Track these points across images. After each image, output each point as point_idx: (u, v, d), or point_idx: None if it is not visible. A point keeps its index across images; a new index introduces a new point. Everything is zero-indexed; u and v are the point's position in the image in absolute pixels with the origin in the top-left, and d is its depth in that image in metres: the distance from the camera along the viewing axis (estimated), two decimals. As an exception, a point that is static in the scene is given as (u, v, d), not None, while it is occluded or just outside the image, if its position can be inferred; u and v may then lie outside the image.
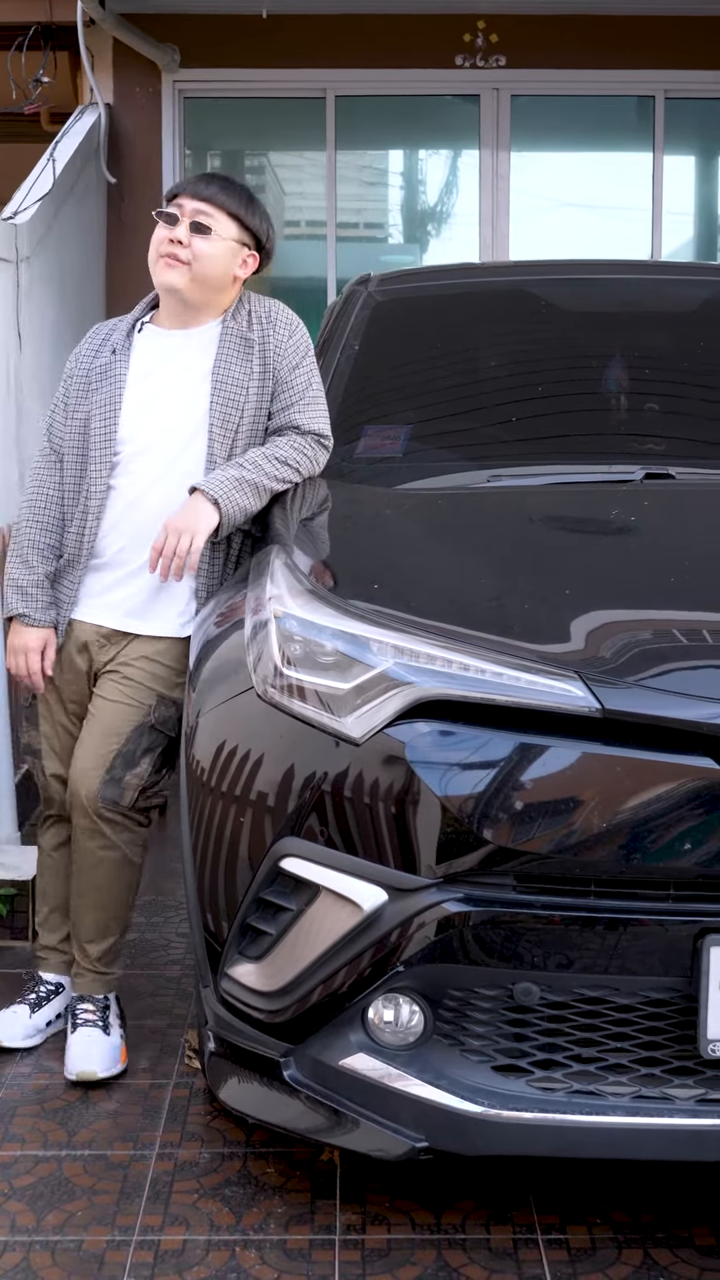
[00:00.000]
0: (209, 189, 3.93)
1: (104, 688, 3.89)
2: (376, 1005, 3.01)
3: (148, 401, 3.89)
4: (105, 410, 3.88)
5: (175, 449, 3.86)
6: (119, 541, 3.88)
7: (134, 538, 3.86)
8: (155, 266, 3.91)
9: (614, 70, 9.16)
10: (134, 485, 3.86)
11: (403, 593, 3.24)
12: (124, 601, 3.88)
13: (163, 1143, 3.54)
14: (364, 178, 10.57)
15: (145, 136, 9.64)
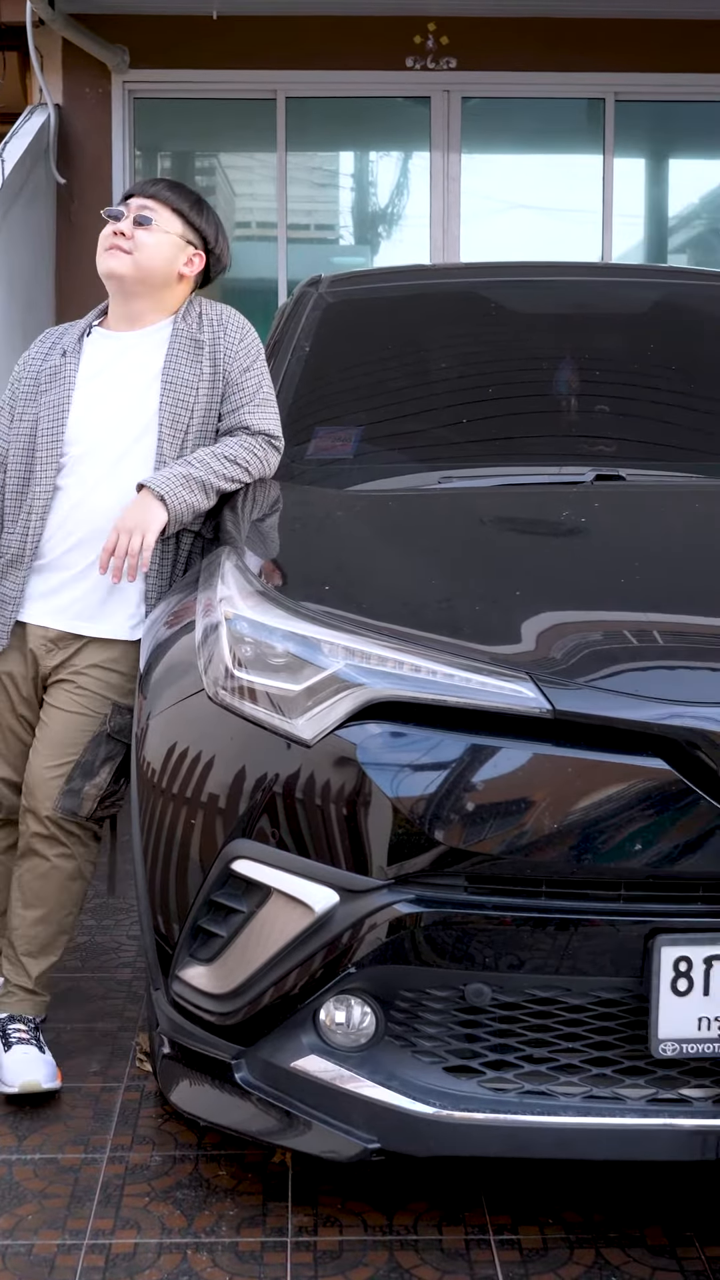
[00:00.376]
0: (154, 187, 4.01)
1: (57, 697, 3.87)
2: (328, 1007, 3.01)
3: (96, 401, 3.88)
4: (54, 411, 3.86)
5: (123, 448, 3.85)
6: (65, 542, 3.85)
7: (81, 538, 3.84)
8: (100, 258, 3.96)
9: (564, 73, 9.21)
10: (80, 485, 3.84)
11: (354, 594, 3.24)
12: (72, 604, 3.86)
13: (114, 1146, 3.53)
14: (315, 179, 10.58)
15: (95, 137, 9.63)
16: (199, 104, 9.99)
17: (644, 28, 9.22)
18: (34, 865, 3.85)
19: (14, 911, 3.90)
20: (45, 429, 3.85)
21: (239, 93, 9.75)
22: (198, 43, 9.37)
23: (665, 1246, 3.13)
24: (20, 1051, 3.80)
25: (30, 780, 3.83)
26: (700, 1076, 2.93)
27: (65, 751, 3.81)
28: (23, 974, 3.90)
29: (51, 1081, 3.77)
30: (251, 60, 9.44)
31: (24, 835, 3.87)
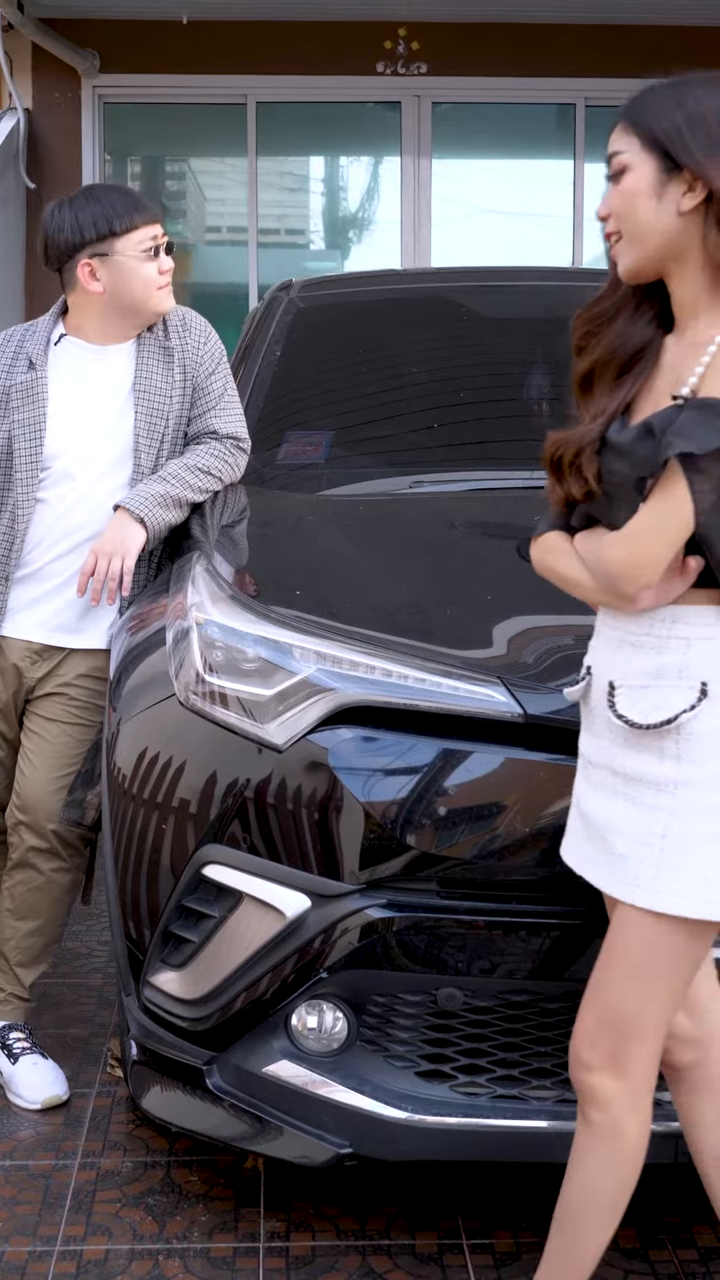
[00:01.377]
0: (154, 207, 3.89)
1: (49, 710, 3.85)
2: (300, 1012, 3.01)
3: (73, 415, 3.84)
4: (30, 429, 3.80)
5: (103, 461, 3.82)
6: (48, 554, 3.83)
7: (63, 550, 3.82)
8: (154, 299, 3.85)
9: (535, 78, 9.22)
10: (63, 499, 3.81)
11: (325, 599, 3.24)
12: (54, 616, 3.84)
13: (85, 1152, 3.53)
14: (285, 184, 10.58)
15: (65, 142, 9.61)
16: (169, 109, 9.98)
17: (614, 33, 9.23)
18: (28, 878, 3.84)
19: (6, 922, 3.90)
20: (23, 446, 3.80)
21: (209, 98, 9.74)
22: (168, 47, 9.36)
23: (638, 1249, 3.13)
24: (29, 1063, 3.81)
25: (29, 797, 3.81)
26: (672, 1080, 2.93)
27: (66, 764, 3.80)
28: (16, 984, 3.90)
29: (67, 1090, 3.78)
30: (222, 65, 9.43)
31: (17, 849, 3.85)
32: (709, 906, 2.36)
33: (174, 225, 10.49)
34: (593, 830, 2.49)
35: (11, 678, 3.85)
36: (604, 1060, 2.48)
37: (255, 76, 9.54)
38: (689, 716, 2.35)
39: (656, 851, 2.38)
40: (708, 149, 2.32)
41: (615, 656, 2.45)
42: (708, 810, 2.36)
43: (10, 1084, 3.79)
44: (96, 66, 9.48)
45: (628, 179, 2.38)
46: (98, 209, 3.79)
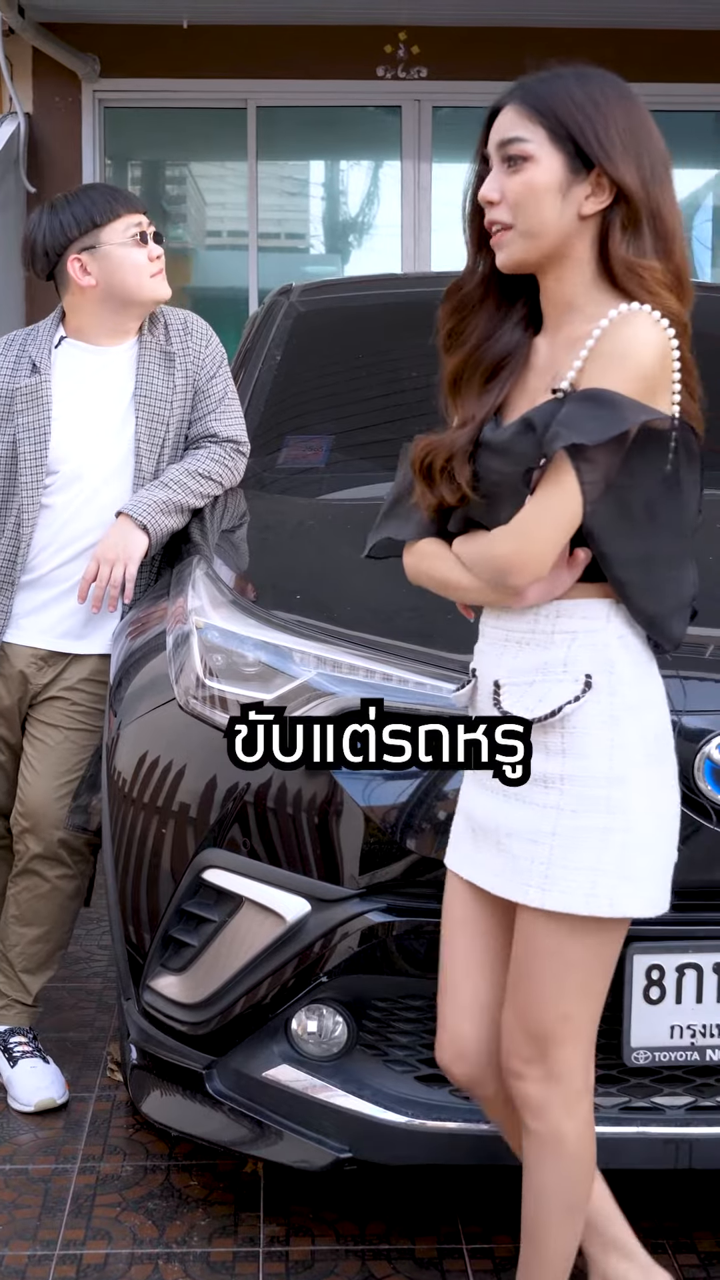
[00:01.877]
0: (135, 199, 3.92)
1: (51, 716, 3.85)
2: (300, 1016, 3.01)
3: (77, 420, 3.83)
4: (34, 434, 3.79)
5: (108, 469, 3.82)
6: (54, 559, 3.83)
7: (69, 556, 3.82)
8: (146, 285, 3.84)
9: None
10: (67, 505, 3.80)
11: (325, 603, 3.24)
12: (59, 623, 3.83)
13: (85, 1156, 3.52)
14: (285, 188, 10.58)
15: (65, 146, 9.61)
16: (170, 113, 9.99)
17: (616, 37, 9.22)
18: (33, 885, 3.84)
19: (11, 929, 3.90)
20: (27, 451, 3.79)
21: (210, 102, 9.74)
22: (169, 52, 9.36)
23: (637, 1255, 3.13)
24: (28, 1066, 3.81)
25: (33, 804, 3.81)
26: (673, 1085, 2.93)
27: (69, 769, 3.80)
28: (21, 990, 3.90)
29: (64, 1094, 3.78)
30: (222, 69, 9.43)
31: (22, 856, 3.85)
32: (597, 903, 2.36)
33: (174, 230, 10.49)
34: (483, 834, 2.47)
35: (16, 684, 3.85)
36: (532, 1068, 2.47)
37: (255, 80, 9.54)
38: (573, 708, 2.35)
39: (547, 850, 2.37)
40: (619, 151, 2.31)
41: (500, 656, 2.44)
42: (595, 804, 2.36)
43: (9, 1087, 3.80)
44: (97, 71, 9.48)
45: (533, 171, 2.33)
46: (77, 206, 3.82)
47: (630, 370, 2.25)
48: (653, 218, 2.33)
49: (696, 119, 9.97)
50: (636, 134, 2.34)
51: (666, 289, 2.33)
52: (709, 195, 10.58)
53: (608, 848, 2.36)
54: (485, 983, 2.56)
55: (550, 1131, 2.48)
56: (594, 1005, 2.47)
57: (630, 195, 2.31)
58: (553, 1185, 2.52)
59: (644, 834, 2.39)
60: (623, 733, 2.37)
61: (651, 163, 2.34)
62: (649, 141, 2.35)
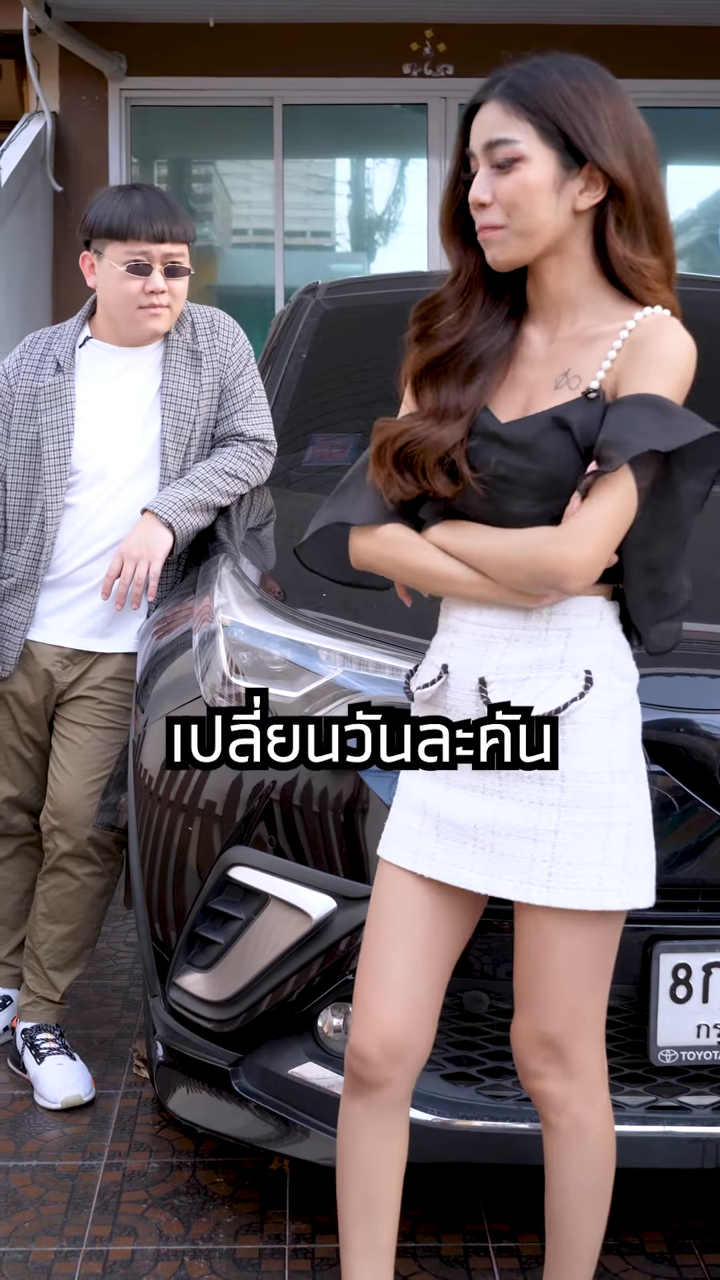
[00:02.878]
0: (167, 226, 3.73)
1: (79, 715, 3.85)
2: (326, 1014, 3.01)
3: (100, 420, 3.82)
4: (58, 432, 3.80)
5: (131, 466, 3.81)
6: (78, 558, 3.83)
7: (93, 555, 3.82)
8: (134, 316, 3.77)
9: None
10: (91, 504, 3.80)
11: (351, 601, 3.23)
12: (84, 621, 3.84)
13: (111, 1153, 3.53)
14: (312, 186, 10.59)
15: (92, 145, 9.63)
16: (196, 111, 10.00)
17: (642, 33, 9.23)
18: (62, 883, 3.85)
19: (40, 926, 3.90)
20: (51, 450, 3.79)
21: (236, 100, 9.75)
22: (195, 50, 9.37)
23: (664, 1254, 3.13)
24: (55, 1063, 3.82)
25: (63, 802, 3.82)
26: (699, 1084, 2.93)
27: (98, 768, 3.81)
28: (49, 987, 3.90)
29: (90, 1091, 3.79)
30: (248, 68, 9.44)
31: (52, 854, 3.86)
32: (604, 897, 2.37)
33: (200, 228, 10.50)
34: (456, 831, 2.44)
35: (42, 682, 3.85)
36: (551, 1066, 2.47)
37: (281, 79, 9.55)
38: (578, 705, 2.35)
39: (549, 847, 2.36)
40: (611, 145, 2.30)
41: (484, 653, 2.41)
42: (598, 799, 2.36)
43: (35, 1084, 3.80)
44: (123, 70, 9.50)
45: (526, 171, 2.30)
46: (115, 206, 3.73)
47: (675, 376, 2.28)
48: (646, 210, 2.33)
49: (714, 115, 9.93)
50: (624, 124, 2.33)
51: (663, 283, 2.35)
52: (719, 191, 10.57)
53: (612, 842, 2.37)
54: (422, 979, 2.52)
55: (573, 1124, 2.48)
56: (603, 996, 2.48)
57: (624, 189, 2.30)
58: (578, 1177, 2.52)
59: (641, 827, 2.41)
60: (620, 728, 2.39)
61: (642, 153, 2.33)
62: (637, 131, 2.34)
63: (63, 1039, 3.90)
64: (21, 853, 4.06)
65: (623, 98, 2.35)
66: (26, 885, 4.05)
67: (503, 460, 2.35)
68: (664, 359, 2.27)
